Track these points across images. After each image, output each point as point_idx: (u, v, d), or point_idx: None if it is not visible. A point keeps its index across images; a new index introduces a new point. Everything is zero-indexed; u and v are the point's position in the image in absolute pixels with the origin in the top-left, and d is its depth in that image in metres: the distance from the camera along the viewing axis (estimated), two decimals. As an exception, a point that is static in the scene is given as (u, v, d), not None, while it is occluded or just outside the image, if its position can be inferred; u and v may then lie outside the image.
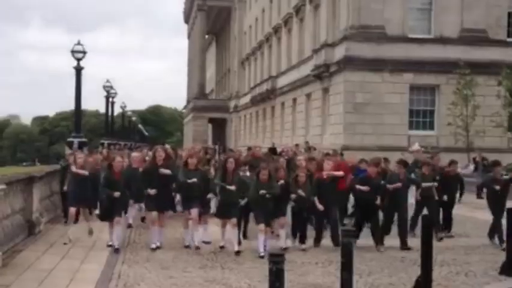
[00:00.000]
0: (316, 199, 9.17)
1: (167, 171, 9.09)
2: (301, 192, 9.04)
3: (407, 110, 22.39)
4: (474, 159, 18.13)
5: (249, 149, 15.54)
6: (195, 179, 8.92)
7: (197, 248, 9.00)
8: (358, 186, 9.40)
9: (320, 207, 9.11)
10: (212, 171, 10.44)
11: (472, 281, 7.56)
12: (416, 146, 20.65)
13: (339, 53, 23.10)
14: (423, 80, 22.41)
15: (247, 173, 10.07)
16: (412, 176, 10.41)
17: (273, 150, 19.49)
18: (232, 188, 8.85)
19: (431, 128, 22.60)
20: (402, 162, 10.00)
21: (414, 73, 22.28)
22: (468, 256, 8.94)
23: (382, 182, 9.65)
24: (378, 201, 9.26)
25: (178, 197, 9.93)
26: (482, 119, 20.40)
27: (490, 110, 20.59)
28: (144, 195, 9.28)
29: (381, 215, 9.66)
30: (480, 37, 22.56)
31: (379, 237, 9.25)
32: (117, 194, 8.72)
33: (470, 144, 19.66)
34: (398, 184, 9.55)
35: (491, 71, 21.32)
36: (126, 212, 9.77)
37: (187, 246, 9.18)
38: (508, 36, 23.12)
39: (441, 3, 22.69)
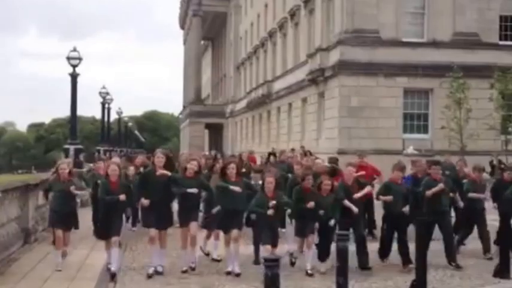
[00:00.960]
0: (347, 202, 8.09)
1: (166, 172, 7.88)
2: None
3: (401, 114, 22.47)
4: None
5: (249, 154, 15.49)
6: (195, 190, 7.84)
7: (193, 269, 8.00)
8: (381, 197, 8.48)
9: (355, 209, 8.08)
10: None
11: (466, 283, 7.63)
12: (411, 150, 20.83)
13: (334, 57, 23.20)
14: (417, 84, 22.51)
15: (259, 182, 8.88)
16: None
17: (272, 155, 19.49)
18: (237, 189, 7.71)
19: (426, 131, 22.68)
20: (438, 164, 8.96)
21: (408, 77, 22.39)
22: (463, 259, 8.99)
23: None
24: (406, 209, 8.43)
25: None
26: (475, 122, 20.51)
27: (482, 113, 20.68)
28: (133, 205, 8.81)
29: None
30: (472, 40, 22.69)
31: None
32: (122, 196, 7.71)
33: (463, 148, 19.73)
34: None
35: (483, 74, 21.40)
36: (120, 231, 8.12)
37: (184, 271, 7.86)
38: (500, 39, 23.24)
39: (434, 7, 22.82)
